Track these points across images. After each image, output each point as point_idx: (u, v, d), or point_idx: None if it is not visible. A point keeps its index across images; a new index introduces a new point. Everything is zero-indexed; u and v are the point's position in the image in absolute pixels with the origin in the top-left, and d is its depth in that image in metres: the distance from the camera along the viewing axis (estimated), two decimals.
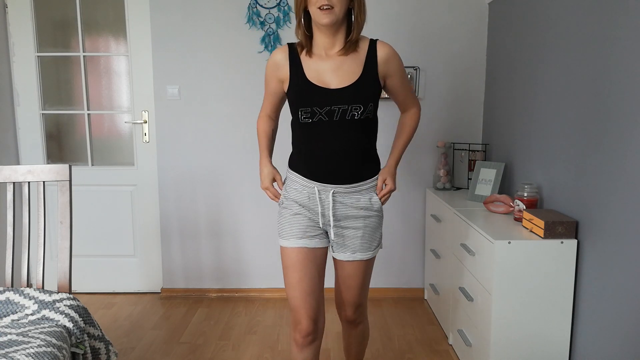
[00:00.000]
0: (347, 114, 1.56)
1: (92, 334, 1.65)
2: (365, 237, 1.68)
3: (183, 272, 3.14)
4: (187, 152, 3.03)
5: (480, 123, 3.01)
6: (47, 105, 3.09)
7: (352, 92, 1.55)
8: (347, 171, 1.61)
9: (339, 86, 1.56)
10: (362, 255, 1.69)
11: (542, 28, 2.20)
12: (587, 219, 1.83)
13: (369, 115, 1.59)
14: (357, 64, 1.58)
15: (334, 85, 1.56)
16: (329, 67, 1.58)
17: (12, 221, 1.81)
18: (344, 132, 1.58)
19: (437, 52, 2.94)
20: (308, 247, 1.65)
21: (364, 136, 1.62)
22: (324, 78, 1.57)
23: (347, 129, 1.58)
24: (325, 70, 1.58)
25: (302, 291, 1.64)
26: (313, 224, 1.66)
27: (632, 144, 1.57)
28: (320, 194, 1.63)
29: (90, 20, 3.01)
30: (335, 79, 1.57)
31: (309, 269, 1.65)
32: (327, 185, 1.62)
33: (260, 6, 2.90)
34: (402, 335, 2.61)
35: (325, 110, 1.56)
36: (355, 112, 1.56)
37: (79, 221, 3.15)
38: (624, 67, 1.61)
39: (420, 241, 3.10)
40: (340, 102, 1.55)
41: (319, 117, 1.57)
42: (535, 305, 1.90)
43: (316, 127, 1.58)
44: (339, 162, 1.60)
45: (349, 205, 1.65)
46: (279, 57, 1.63)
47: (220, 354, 2.42)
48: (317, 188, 1.63)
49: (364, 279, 1.75)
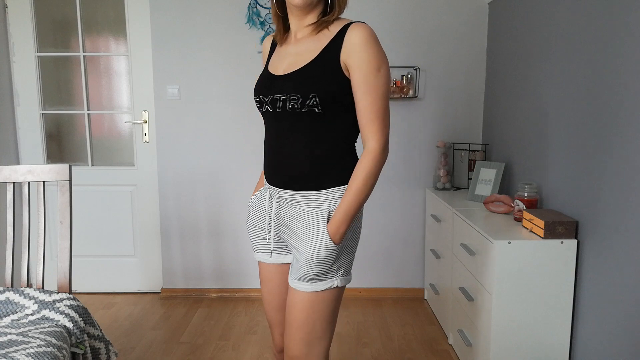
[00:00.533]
0: (287, 105, 1.29)
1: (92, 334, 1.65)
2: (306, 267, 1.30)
3: (183, 272, 3.14)
4: (187, 152, 3.03)
5: (480, 123, 3.01)
6: (47, 105, 3.09)
7: (293, 80, 1.29)
8: (291, 175, 1.33)
9: (285, 72, 1.32)
10: (303, 284, 1.30)
11: (542, 28, 2.20)
12: (587, 219, 1.83)
13: (315, 109, 1.27)
14: (315, 48, 1.30)
15: (281, 71, 1.33)
16: (291, 51, 1.35)
17: (12, 221, 1.81)
18: (289, 127, 1.31)
19: (437, 52, 2.94)
20: (268, 262, 1.49)
21: (313, 135, 1.30)
22: (278, 64, 1.37)
23: (292, 123, 1.31)
24: (286, 56, 1.36)
25: (270, 307, 1.53)
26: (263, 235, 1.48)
27: (632, 144, 1.57)
28: (271, 197, 1.41)
29: (90, 20, 3.01)
30: (284, 64, 1.34)
31: (274, 283, 1.50)
32: (275, 189, 1.39)
33: (260, 6, 2.90)
34: (402, 335, 2.61)
35: (269, 99, 1.33)
36: (294, 102, 1.27)
37: (79, 221, 3.15)
38: (624, 67, 1.61)
39: (420, 241, 3.10)
40: (279, 91, 1.30)
41: (266, 107, 1.35)
42: (535, 305, 1.90)
43: (267, 119, 1.38)
44: (283, 163, 1.34)
45: (294, 217, 1.35)
46: (265, 45, 1.52)
47: (220, 354, 2.42)
48: (269, 191, 1.42)
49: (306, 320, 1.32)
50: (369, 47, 1.24)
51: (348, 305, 2.84)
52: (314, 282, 1.31)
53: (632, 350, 1.58)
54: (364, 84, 1.25)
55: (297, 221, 1.34)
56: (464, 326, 2.25)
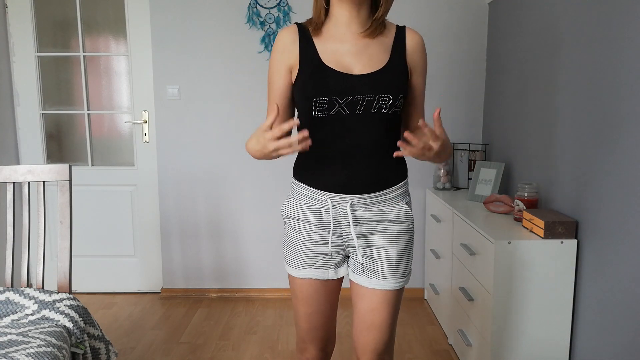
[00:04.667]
0: (373, 107, 1.27)
1: (92, 334, 1.65)
2: (398, 259, 1.35)
3: (183, 272, 3.14)
4: (187, 152, 3.03)
5: (480, 123, 3.01)
6: (47, 105, 3.09)
7: (381, 79, 1.27)
8: (370, 177, 1.31)
9: (363, 72, 1.27)
10: (393, 283, 1.35)
11: (542, 28, 2.20)
12: (587, 219, 1.83)
13: (397, 110, 1.30)
14: (383, 48, 1.31)
15: (357, 70, 1.28)
16: (349, 49, 1.29)
17: (12, 221, 1.81)
18: (367, 130, 1.28)
19: (437, 52, 2.94)
20: (320, 279, 1.39)
21: (391, 134, 1.32)
22: (343, 62, 1.28)
23: (372, 125, 1.28)
24: (345, 53, 1.29)
25: (311, 325, 1.44)
26: (326, 250, 1.37)
27: (632, 144, 1.57)
28: (335, 208, 1.32)
29: (90, 20, 3.01)
30: (359, 63, 1.28)
31: (320, 304, 1.42)
32: (343, 196, 1.31)
33: (260, 6, 2.90)
34: (402, 335, 2.61)
35: (347, 101, 1.26)
36: (383, 103, 1.26)
37: (79, 221, 3.15)
38: (624, 67, 1.61)
39: (420, 241, 3.10)
40: (366, 91, 1.26)
41: (338, 109, 1.27)
42: (535, 305, 1.90)
43: (333, 123, 1.28)
44: (360, 167, 1.30)
45: (373, 220, 1.34)
46: (287, 39, 1.32)
47: (220, 354, 2.42)
48: (330, 201, 1.32)
49: (391, 317, 1.38)
50: (425, 52, 1.38)
51: (348, 305, 2.84)
52: (404, 277, 1.37)
53: (632, 350, 1.58)
54: (423, 84, 1.38)
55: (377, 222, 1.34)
56: (464, 326, 2.25)
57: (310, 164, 1.34)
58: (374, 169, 1.31)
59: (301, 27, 1.34)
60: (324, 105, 1.27)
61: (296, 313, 1.46)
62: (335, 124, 1.28)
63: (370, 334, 1.37)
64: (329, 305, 1.44)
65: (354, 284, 1.41)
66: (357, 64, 1.28)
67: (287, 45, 1.32)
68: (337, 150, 1.30)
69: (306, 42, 1.31)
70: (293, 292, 1.45)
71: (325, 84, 1.26)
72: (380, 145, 1.31)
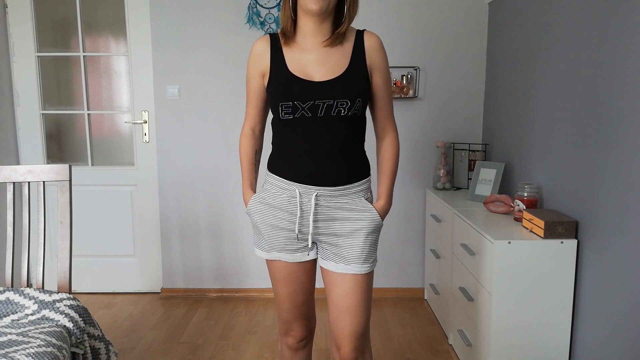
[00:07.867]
0: (333, 110, 1.41)
1: (92, 334, 1.65)
2: (362, 245, 1.47)
3: (183, 272, 3.14)
4: (187, 152, 3.03)
5: (480, 123, 3.01)
6: (47, 105, 3.09)
7: (338, 86, 1.41)
8: (335, 172, 1.45)
9: (323, 79, 1.42)
10: (359, 268, 1.47)
11: (542, 28, 2.20)
12: (587, 219, 1.83)
13: (357, 113, 1.44)
14: (343, 55, 1.45)
15: (318, 77, 1.42)
16: (313, 58, 1.44)
17: (12, 221, 1.81)
18: (329, 130, 1.43)
19: (437, 52, 2.94)
20: (292, 262, 1.53)
21: (352, 135, 1.46)
22: (307, 70, 1.43)
23: (332, 126, 1.43)
24: (309, 62, 1.44)
25: (294, 304, 1.57)
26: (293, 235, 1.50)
27: (632, 143, 1.57)
28: (302, 197, 1.46)
29: (90, 20, 3.01)
30: (320, 71, 1.43)
31: (300, 282, 1.55)
32: (310, 188, 1.45)
33: (260, 6, 2.90)
34: (402, 335, 2.61)
35: (308, 105, 1.41)
36: (342, 107, 1.41)
37: (79, 221, 3.15)
38: (624, 67, 1.61)
39: (420, 241, 3.10)
40: (325, 97, 1.40)
41: (301, 112, 1.42)
42: (535, 305, 1.90)
43: (298, 125, 1.43)
44: (326, 162, 1.44)
45: (336, 209, 1.47)
46: (260, 48, 1.49)
47: (220, 354, 2.42)
48: (298, 190, 1.46)
49: (365, 300, 1.49)
50: (384, 50, 1.50)
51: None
52: (366, 264, 1.47)
53: (632, 350, 1.58)
54: (385, 83, 1.51)
55: (340, 212, 1.47)
56: (464, 326, 2.25)
57: (282, 158, 1.50)
58: (339, 165, 1.45)
59: (273, 37, 1.50)
60: (288, 108, 1.42)
61: (277, 295, 1.58)
62: (301, 125, 1.44)
63: (347, 317, 1.48)
64: (308, 283, 1.57)
65: (324, 271, 1.52)
66: (319, 72, 1.43)
67: (260, 53, 1.49)
68: (305, 147, 1.45)
69: (277, 52, 1.47)
70: (272, 275, 1.58)
71: (290, 90, 1.42)
72: (343, 144, 1.45)
